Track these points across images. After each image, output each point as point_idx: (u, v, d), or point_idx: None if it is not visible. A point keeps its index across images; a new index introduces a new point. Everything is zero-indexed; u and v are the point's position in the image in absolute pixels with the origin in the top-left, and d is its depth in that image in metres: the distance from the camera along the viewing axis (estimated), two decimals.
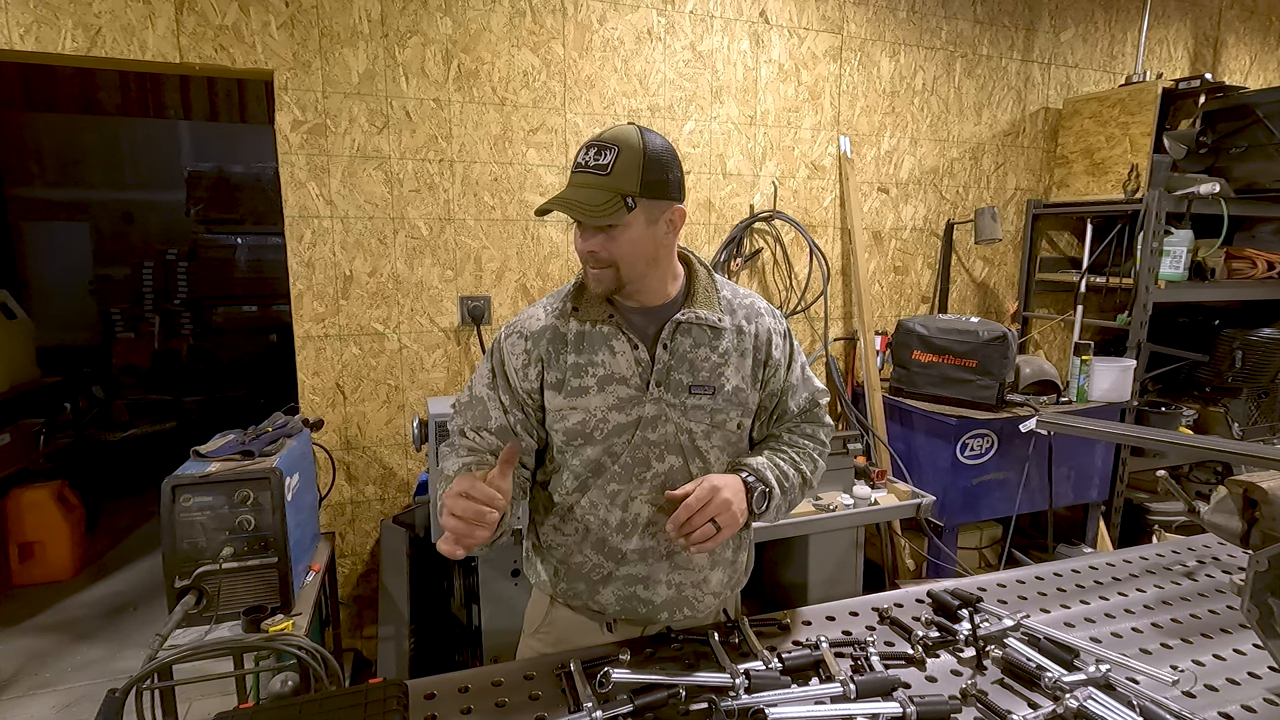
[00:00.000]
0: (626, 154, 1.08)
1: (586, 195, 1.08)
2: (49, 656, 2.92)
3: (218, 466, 1.79)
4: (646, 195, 1.09)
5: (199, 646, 1.46)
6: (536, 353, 1.20)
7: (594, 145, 1.10)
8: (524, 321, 1.24)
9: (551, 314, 1.22)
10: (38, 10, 2.08)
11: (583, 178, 1.10)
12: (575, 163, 1.12)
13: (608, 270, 1.13)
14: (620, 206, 1.07)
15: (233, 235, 5.37)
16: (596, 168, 1.09)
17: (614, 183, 1.07)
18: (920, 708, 0.91)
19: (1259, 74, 4.16)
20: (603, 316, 1.19)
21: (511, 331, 1.24)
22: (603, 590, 1.22)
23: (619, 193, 1.07)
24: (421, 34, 2.46)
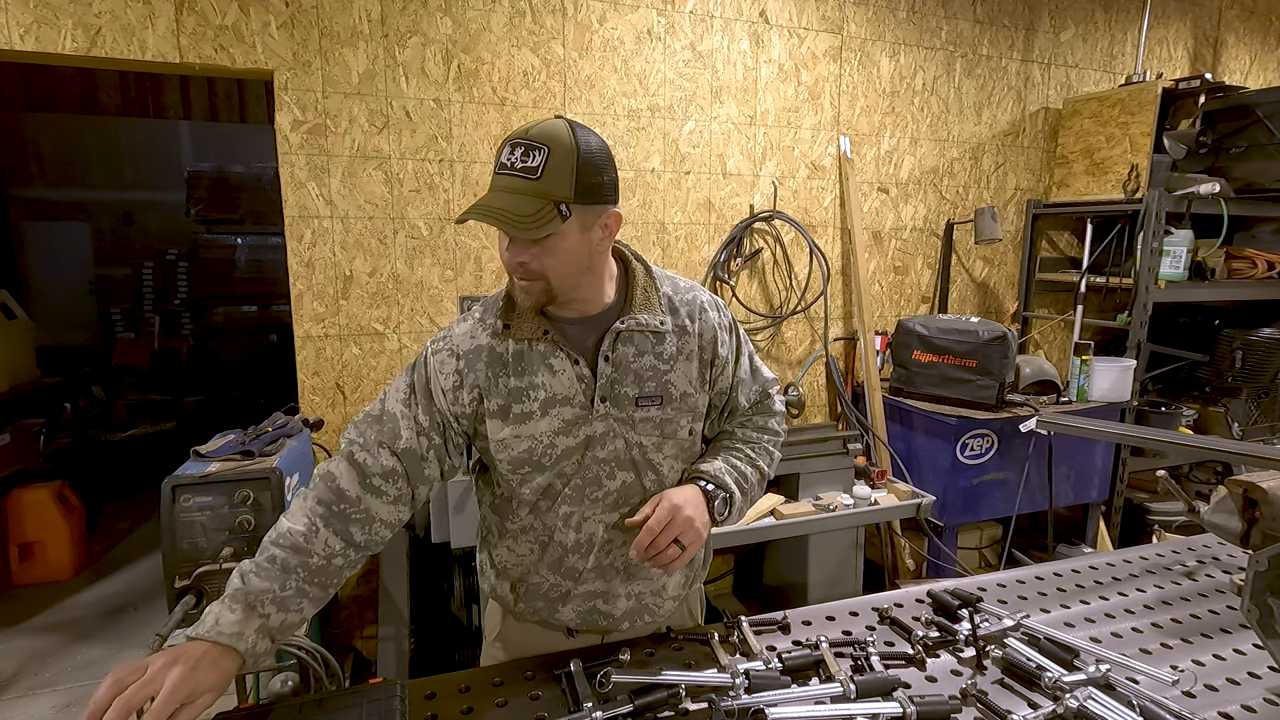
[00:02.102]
0: (558, 155, 0.96)
1: (514, 202, 0.95)
2: (49, 656, 2.92)
3: (218, 466, 1.79)
4: (580, 201, 0.98)
5: None
6: (472, 378, 1.09)
7: (520, 143, 0.97)
8: (455, 339, 1.12)
9: (485, 332, 1.11)
10: (38, 10, 2.08)
11: (509, 181, 0.96)
12: (498, 163, 0.98)
13: (537, 283, 1.02)
14: (553, 215, 0.95)
15: (233, 235, 5.38)
16: (524, 170, 0.95)
17: (545, 188, 0.95)
18: (920, 708, 0.91)
19: (1259, 74, 4.16)
20: (537, 333, 1.09)
21: (441, 348, 1.12)
22: (562, 608, 1.18)
23: (551, 199, 0.95)
24: (421, 34, 2.46)
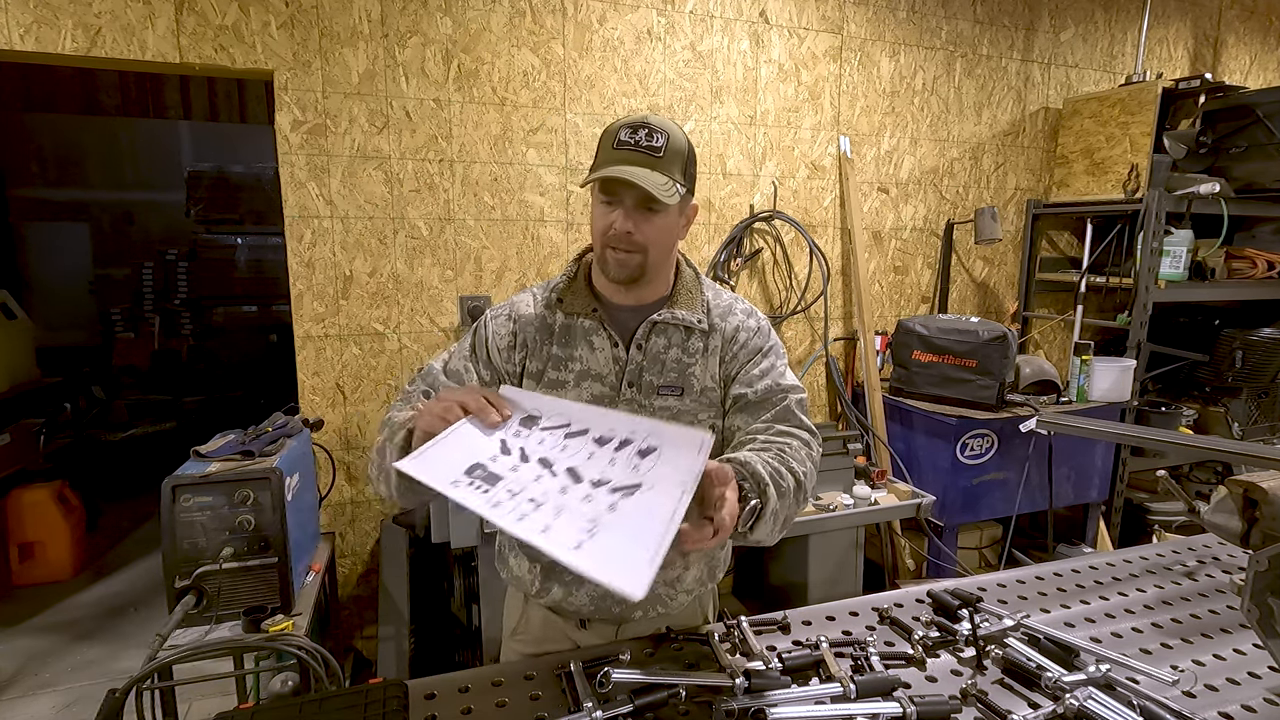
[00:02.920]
0: (675, 141, 1.08)
1: (644, 173, 1.04)
2: (49, 656, 2.92)
3: (218, 466, 1.79)
4: (687, 185, 1.10)
5: (199, 646, 1.46)
6: (522, 337, 1.19)
7: (642, 126, 1.07)
8: (514, 305, 1.22)
9: (539, 303, 1.21)
10: (38, 10, 2.08)
11: (633, 155, 1.06)
12: (617, 140, 1.07)
13: (636, 255, 1.10)
14: (675, 191, 1.06)
15: (233, 235, 5.38)
16: (649, 149, 1.06)
17: (666, 167, 1.06)
18: (920, 708, 0.91)
19: (1259, 74, 4.16)
20: (586, 310, 1.17)
21: (499, 314, 1.22)
22: (577, 591, 1.19)
23: (671, 177, 1.06)
24: (421, 34, 2.46)
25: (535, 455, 0.90)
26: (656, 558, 0.71)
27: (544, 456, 0.89)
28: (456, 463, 0.88)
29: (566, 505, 0.81)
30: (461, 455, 0.90)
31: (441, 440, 0.91)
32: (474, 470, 0.87)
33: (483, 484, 0.85)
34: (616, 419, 0.92)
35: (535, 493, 0.83)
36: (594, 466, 0.86)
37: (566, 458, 0.89)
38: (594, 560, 0.72)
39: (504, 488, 0.84)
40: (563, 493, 0.83)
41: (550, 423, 0.95)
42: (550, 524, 0.77)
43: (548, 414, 0.96)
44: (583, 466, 0.87)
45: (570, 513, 0.79)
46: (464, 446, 0.92)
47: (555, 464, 0.88)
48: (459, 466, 0.88)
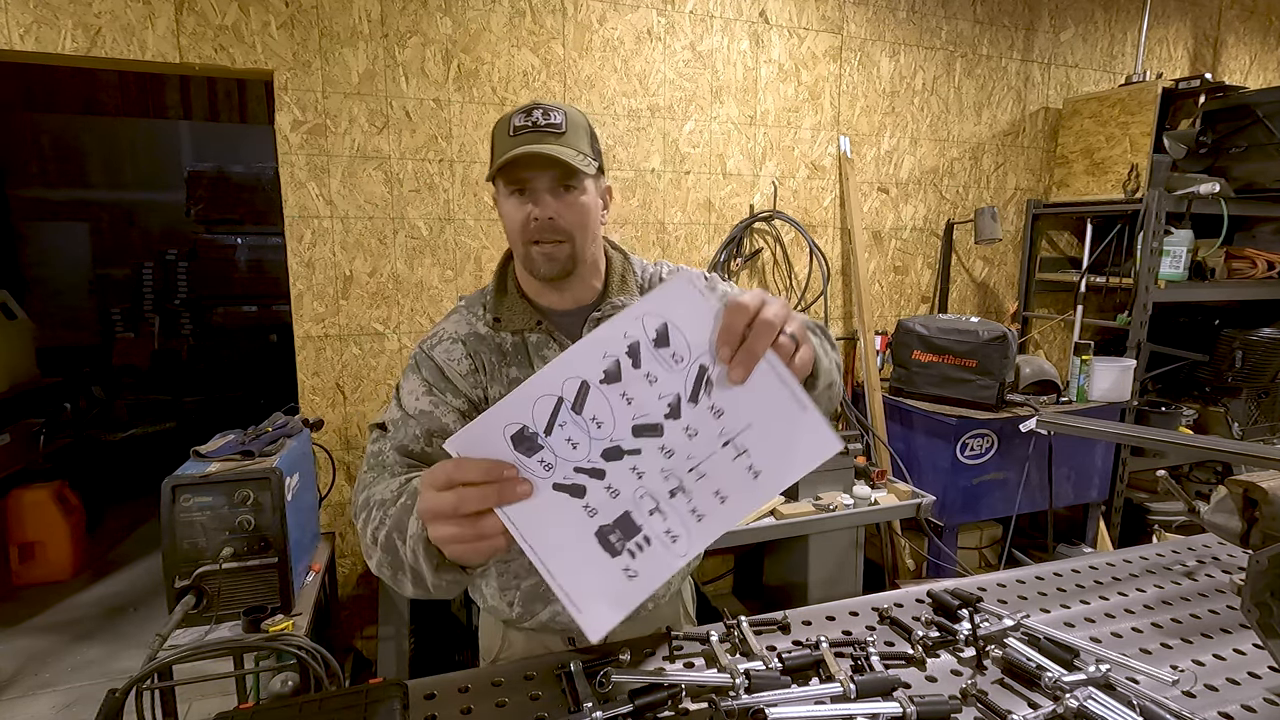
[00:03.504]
0: (574, 117, 1.02)
1: (553, 149, 0.97)
2: (49, 656, 2.92)
3: (218, 466, 1.79)
4: (597, 160, 1.03)
5: (199, 646, 1.46)
6: (478, 360, 1.06)
7: (534, 107, 1.00)
8: (447, 329, 1.08)
9: (479, 322, 1.09)
10: (38, 10, 2.08)
11: (534, 136, 0.98)
12: (512, 127, 1.00)
13: (564, 245, 1.01)
14: (589, 162, 0.99)
15: (233, 235, 5.38)
16: (549, 126, 0.98)
17: (572, 141, 0.99)
18: (920, 708, 0.91)
19: (1259, 74, 4.16)
20: (530, 324, 1.07)
21: (438, 340, 1.08)
22: (563, 609, 1.12)
23: (580, 152, 1.00)
24: (421, 34, 2.46)
25: (587, 459, 0.64)
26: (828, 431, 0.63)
27: (604, 450, 0.63)
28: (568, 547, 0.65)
29: (681, 477, 0.63)
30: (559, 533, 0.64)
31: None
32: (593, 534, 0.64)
33: (602, 547, 0.64)
34: (589, 345, 0.63)
35: (645, 487, 0.63)
36: (647, 403, 0.63)
37: (613, 429, 0.64)
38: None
39: (618, 530, 0.63)
40: (669, 455, 0.63)
41: (540, 419, 0.64)
42: (711, 510, 0.63)
43: (522, 415, 0.63)
44: (638, 414, 0.63)
45: (700, 480, 0.63)
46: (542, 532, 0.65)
47: (618, 441, 0.63)
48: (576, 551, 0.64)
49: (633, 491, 0.63)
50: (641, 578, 0.62)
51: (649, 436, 0.63)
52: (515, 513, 0.62)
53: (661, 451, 0.63)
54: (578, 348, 0.62)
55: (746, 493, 0.63)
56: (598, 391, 0.62)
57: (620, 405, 0.62)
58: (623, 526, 0.63)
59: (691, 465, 0.63)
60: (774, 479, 0.63)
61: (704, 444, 0.63)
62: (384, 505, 0.86)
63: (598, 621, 0.61)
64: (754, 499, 0.62)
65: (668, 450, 0.63)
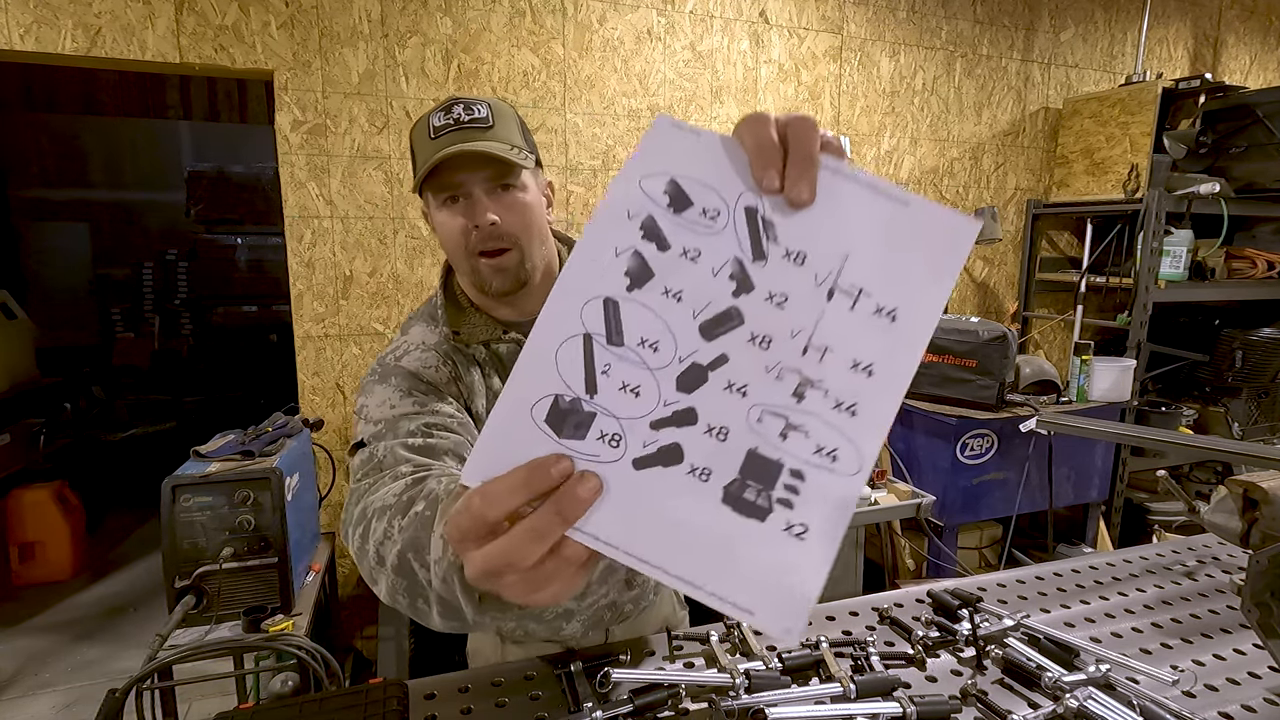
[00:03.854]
0: (499, 108, 0.91)
1: (482, 145, 0.87)
2: (49, 656, 2.92)
3: (218, 466, 1.79)
4: (532, 151, 0.93)
5: (199, 646, 1.46)
6: (456, 370, 0.94)
7: (454, 103, 0.90)
8: (413, 339, 0.96)
9: (438, 336, 0.96)
10: (38, 10, 2.08)
11: (459, 135, 0.87)
12: (431, 129, 0.89)
13: (511, 253, 0.91)
14: (525, 154, 0.89)
15: (233, 235, 5.38)
16: (474, 121, 0.88)
17: (502, 134, 0.89)
18: (920, 708, 0.91)
19: (1259, 74, 4.16)
20: (495, 334, 0.96)
21: (405, 351, 0.94)
22: (566, 625, 1.02)
23: (513, 145, 0.90)
24: (421, 34, 2.46)
25: (661, 402, 0.43)
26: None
27: (679, 378, 0.43)
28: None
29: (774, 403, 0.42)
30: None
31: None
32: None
33: (742, 513, 0.43)
34: (589, 250, 0.44)
35: (759, 402, 0.42)
36: (702, 288, 0.43)
37: (677, 345, 0.43)
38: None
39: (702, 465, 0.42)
40: (765, 345, 0.43)
41: (574, 376, 0.43)
42: (861, 391, 0.41)
43: (546, 382, 0.43)
44: (699, 307, 0.43)
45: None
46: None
47: (690, 358, 0.43)
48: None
49: (744, 418, 0.42)
50: (815, 530, 0.41)
51: (727, 330, 0.43)
52: (598, 523, 0.41)
53: (754, 344, 0.42)
54: (575, 260, 0.43)
55: (893, 347, 0.42)
56: (631, 305, 0.43)
57: (669, 308, 0.43)
58: (755, 472, 0.42)
59: (802, 344, 0.42)
60: (917, 309, 0.42)
61: (802, 307, 0.42)
62: (388, 513, 0.68)
63: (786, 617, 0.41)
64: (907, 351, 0.42)
65: (761, 339, 0.43)
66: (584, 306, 0.43)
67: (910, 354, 0.42)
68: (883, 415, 0.42)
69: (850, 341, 0.42)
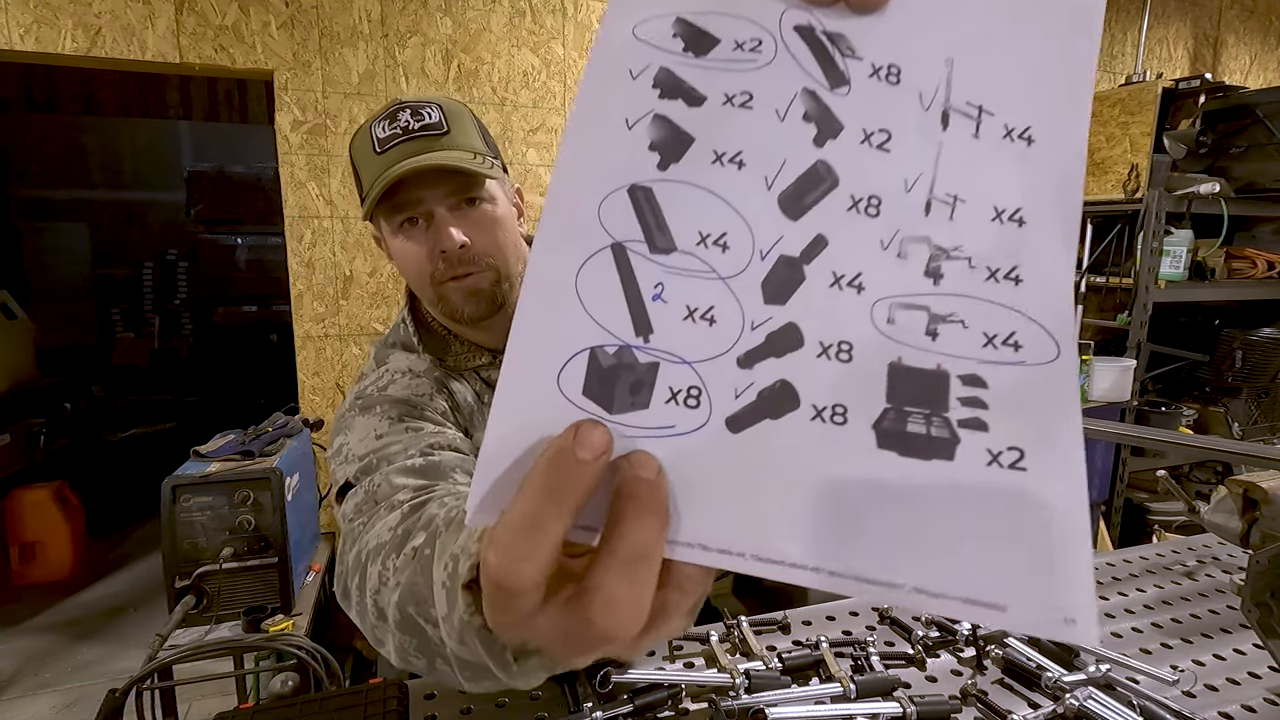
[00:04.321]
0: (452, 109, 0.79)
1: (441, 156, 0.74)
2: (49, 656, 2.92)
3: (218, 466, 1.79)
4: (495, 156, 0.81)
5: (199, 646, 1.46)
6: (453, 399, 0.83)
7: (399, 110, 0.77)
8: (398, 366, 0.84)
9: (424, 363, 0.85)
10: (38, 10, 2.08)
11: (409, 146, 0.75)
12: (375, 141, 0.76)
13: (485, 274, 0.79)
14: (489, 161, 0.78)
15: (233, 235, 5.39)
16: (425, 129, 0.75)
17: (461, 140, 0.77)
18: (920, 708, 0.91)
19: (1259, 74, 4.16)
20: (484, 361, 0.86)
21: (390, 379, 0.82)
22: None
23: (475, 151, 0.78)
24: (421, 34, 2.46)
25: (748, 324, 0.28)
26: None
27: (765, 282, 0.29)
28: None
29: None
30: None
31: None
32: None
33: (914, 453, 0.28)
34: (584, 131, 0.29)
35: (885, 292, 0.29)
36: (769, 144, 0.29)
37: (754, 233, 0.29)
38: None
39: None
40: (874, 209, 0.29)
41: (614, 316, 0.28)
42: (1012, 247, 0.28)
43: (576, 329, 0.28)
44: (769, 170, 0.29)
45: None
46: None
47: (776, 247, 0.29)
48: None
49: (869, 322, 0.28)
50: (1038, 453, 0.27)
51: (819, 197, 0.29)
52: (701, 524, 0.27)
53: (858, 211, 0.29)
54: (571, 145, 0.29)
55: (1040, 178, 0.28)
56: (672, 188, 0.29)
57: (729, 179, 0.29)
58: (910, 394, 0.28)
59: (922, 197, 0.29)
60: (1057, 122, 0.29)
61: (912, 145, 0.29)
62: (383, 553, 0.56)
63: (1055, 596, 0.26)
64: (1061, 181, 0.28)
65: (865, 201, 0.29)
66: (601, 204, 0.29)
67: (1066, 184, 0.29)
68: (1057, 273, 0.28)
69: (984, 182, 0.29)
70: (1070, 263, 0.28)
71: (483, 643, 0.39)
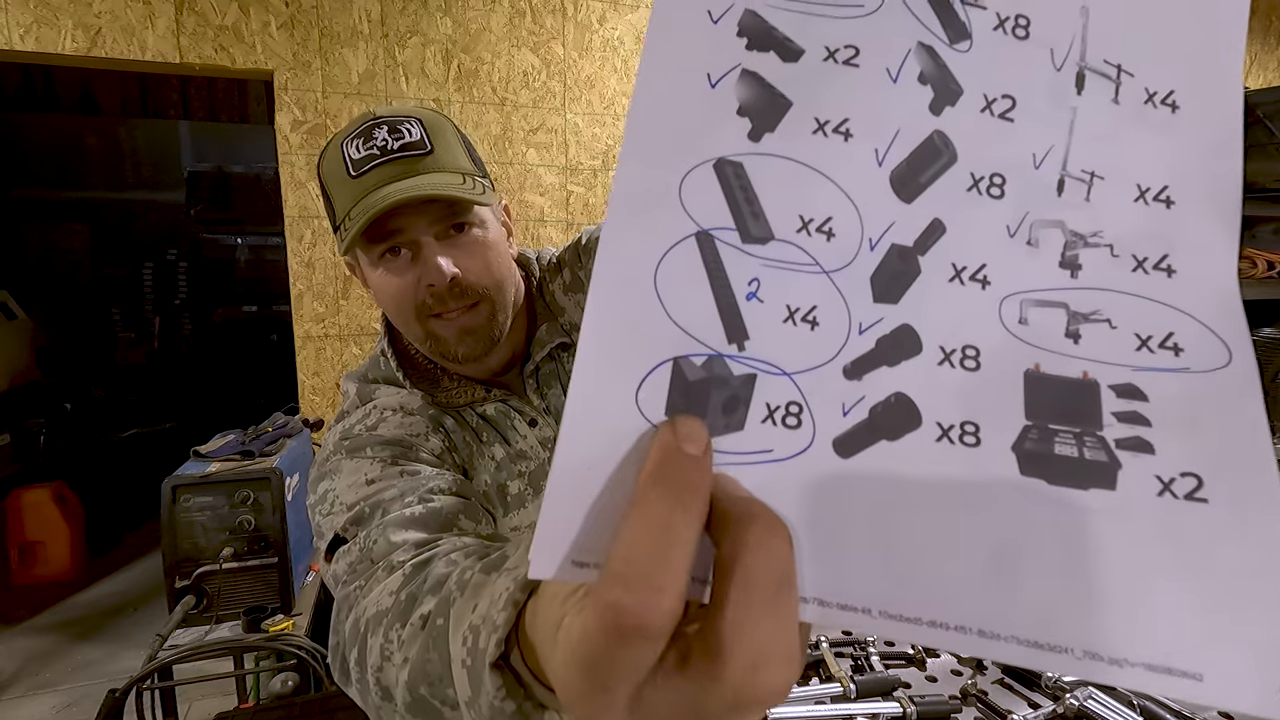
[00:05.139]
0: (434, 124, 0.70)
1: (425, 180, 0.66)
2: (49, 656, 2.92)
3: (218, 466, 1.79)
4: (484, 175, 0.73)
5: (199, 646, 1.46)
6: (449, 438, 0.75)
7: (375, 126, 0.68)
8: (385, 403, 0.76)
9: (415, 398, 0.76)
10: (38, 10, 2.08)
11: (388, 170, 0.66)
12: (349, 164, 0.67)
13: (481, 306, 0.71)
14: (478, 183, 0.69)
15: (233, 235, 5.39)
16: (405, 148, 0.67)
17: (446, 160, 0.68)
18: (920, 707, 0.91)
19: (1259, 74, 4.17)
20: (478, 395, 0.77)
21: (380, 418, 0.73)
22: None
23: (459, 170, 0.69)
24: (421, 34, 2.46)
25: (856, 326, 0.24)
26: None
27: (877, 276, 0.24)
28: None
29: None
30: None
31: None
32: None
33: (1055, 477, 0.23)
34: (650, 116, 0.24)
35: (1015, 286, 0.24)
36: (872, 112, 0.24)
37: (862, 216, 0.24)
38: None
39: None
40: (999, 189, 0.24)
41: (701, 320, 0.23)
42: (1163, 230, 0.24)
43: (656, 339, 0.23)
44: (880, 143, 0.24)
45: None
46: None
47: (886, 235, 0.24)
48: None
49: (997, 322, 0.24)
50: (1218, 478, 0.22)
51: (936, 174, 0.24)
52: (801, 575, 0.22)
53: (979, 192, 0.24)
54: (643, 108, 0.24)
55: (1190, 151, 0.24)
56: (767, 163, 0.24)
57: (834, 153, 0.24)
58: (1054, 409, 0.23)
59: (1055, 175, 0.24)
60: (1207, 85, 0.25)
61: (1042, 112, 0.25)
62: (385, 621, 0.49)
63: (1265, 668, 0.20)
64: (1216, 152, 0.25)
65: (988, 180, 0.24)
66: (683, 184, 0.24)
67: (1219, 159, 0.24)
68: (1216, 262, 0.24)
69: (1124, 155, 0.24)
70: (1232, 250, 0.24)
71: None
